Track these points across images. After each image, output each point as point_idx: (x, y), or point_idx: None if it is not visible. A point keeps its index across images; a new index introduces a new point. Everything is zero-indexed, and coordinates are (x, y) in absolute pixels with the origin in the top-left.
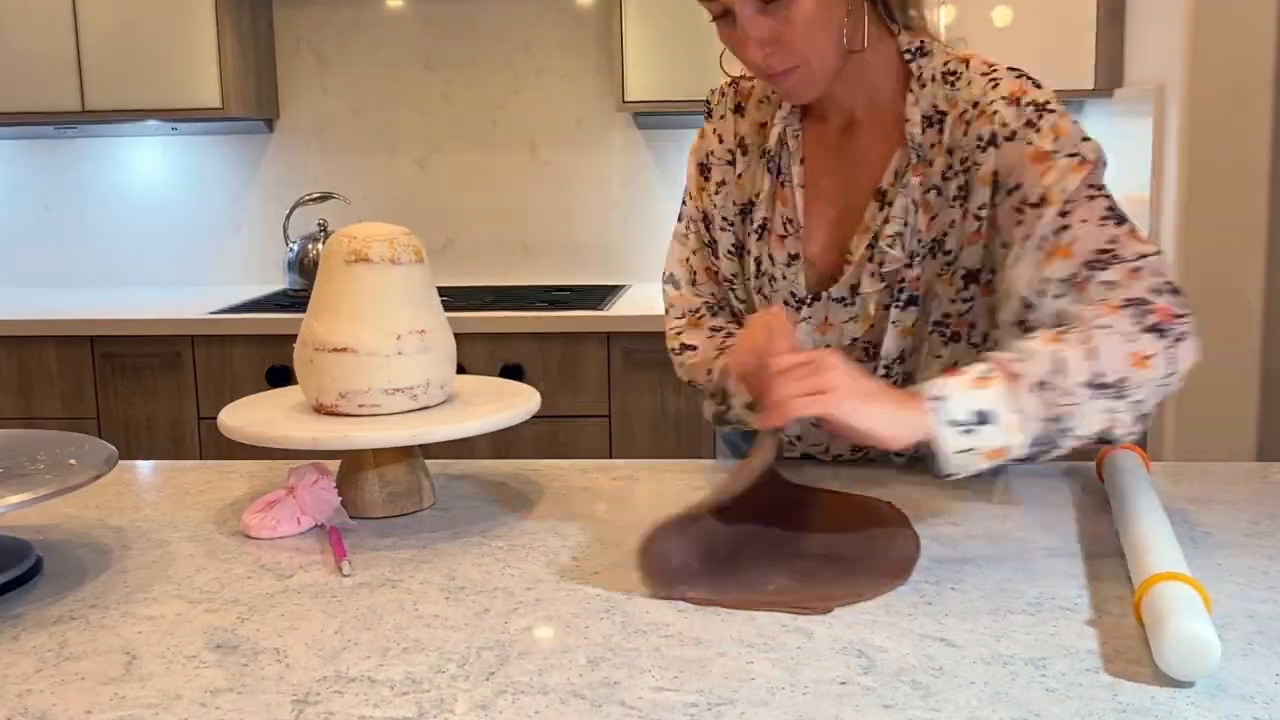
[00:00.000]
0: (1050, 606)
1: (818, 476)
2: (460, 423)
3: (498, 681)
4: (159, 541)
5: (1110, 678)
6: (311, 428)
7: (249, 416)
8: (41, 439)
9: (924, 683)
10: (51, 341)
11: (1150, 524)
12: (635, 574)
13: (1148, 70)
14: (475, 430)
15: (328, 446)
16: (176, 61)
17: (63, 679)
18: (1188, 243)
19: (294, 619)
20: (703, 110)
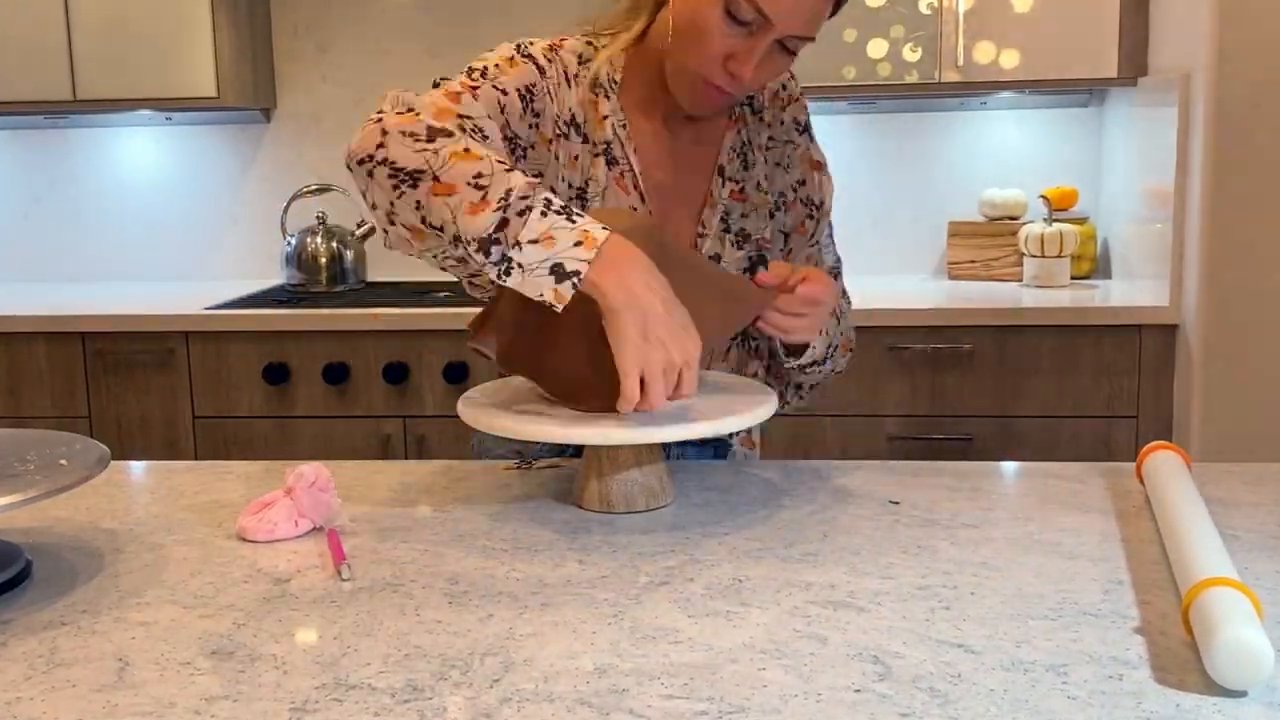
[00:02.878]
0: (1072, 612)
1: (821, 470)
2: (744, 413)
3: (502, 689)
4: (152, 545)
5: (1133, 685)
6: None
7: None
8: (31, 438)
9: (941, 690)
10: (41, 338)
11: (1197, 526)
12: None
13: (1173, 58)
14: (745, 424)
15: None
16: (170, 49)
17: (53, 686)
18: (1213, 235)
19: (292, 624)
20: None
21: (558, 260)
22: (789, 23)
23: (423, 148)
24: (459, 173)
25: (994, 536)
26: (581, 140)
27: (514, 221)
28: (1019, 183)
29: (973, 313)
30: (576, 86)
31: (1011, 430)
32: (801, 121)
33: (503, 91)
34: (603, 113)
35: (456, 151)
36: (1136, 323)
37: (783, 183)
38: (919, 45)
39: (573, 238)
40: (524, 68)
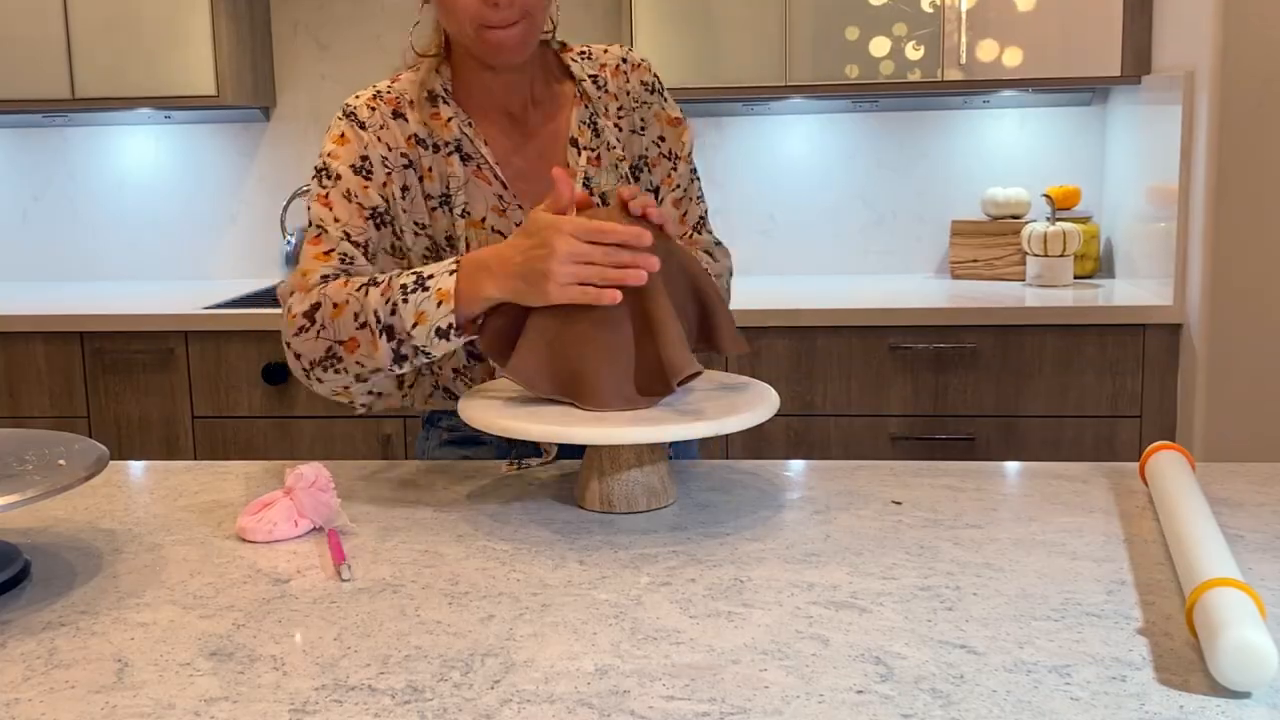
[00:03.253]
0: (1075, 613)
1: (826, 470)
2: (747, 412)
3: (502, 690)
4: (151, 545)
5: (1137, 687)
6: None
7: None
8: (30, 439)
9: (944, 691)
10: (40, 338)
11: (1200, 527)
12: None
13: (1176, 56)
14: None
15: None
16: (170, 47)
17: (52, 687)
18: (1217, 234)
19: (291, 625)
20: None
21: (436, 326)
22: None
23: (315, 333)
24: (346, 327)
25: (997, 537)
26: (433, 150)
27: (395, 324)
28: (1022, 181)
29: (976, 312)
30: (413, 109)
31: (1014, 430)
32: (648, 83)
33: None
34: (445, 116)
35: (331, 312)
36: (1140, 322)
37: (640, 145)
38: (922, 43)
39: (433, 301)
40: (351, 140)
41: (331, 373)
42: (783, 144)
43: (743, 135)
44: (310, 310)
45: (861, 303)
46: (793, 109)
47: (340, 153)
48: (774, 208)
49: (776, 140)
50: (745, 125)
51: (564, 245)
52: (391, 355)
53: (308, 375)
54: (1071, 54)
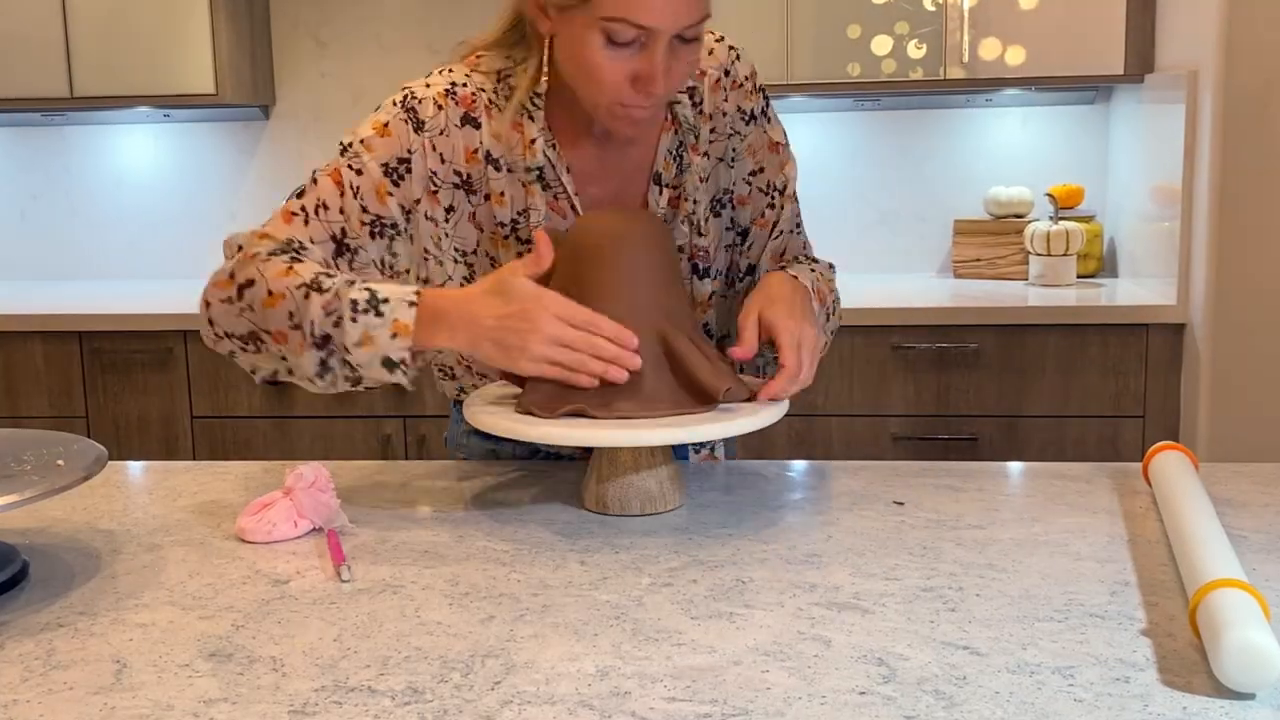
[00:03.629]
0: (1079, 614)
1: (824, 471)
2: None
3: (503, 691)
4: (150, 545)
5: (1140, 688)
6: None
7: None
8: (28, 439)
9: (946, 692)
10: (38, 337)
11: (1204, 527)
12: None
13: (1180, 55)
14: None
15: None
16: (169, 45)
17: (50, 689)
18: (1221, 233)
19: (291, 626)
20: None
21: (384, 355)
22: (674, 22)
23: (240, 310)
24: (277, 320)
25: (1000, 537)
26: (507, 171)
27: (334, 335)
28: (1025, 180)
29: (978, 312)
30: (491, 116)
31: (1017, 430)
32: (747, 110)
33: (358, 172)
34: (529, 136)
35: (264, 299)
36: (1143, 321)
37: (728, 178)
38: (924, 42)
39: (387, 331)
40: (395, 136)
41: (246, 352)
42: None
43: None
44: (244, 285)
45: (863, 302)
46: (794, 107)
47: (377, 144)
48: None
49: None
50: None
51: (550, 328)
52: (317, 366)
53: (215, 339)
54: (1074, 52)
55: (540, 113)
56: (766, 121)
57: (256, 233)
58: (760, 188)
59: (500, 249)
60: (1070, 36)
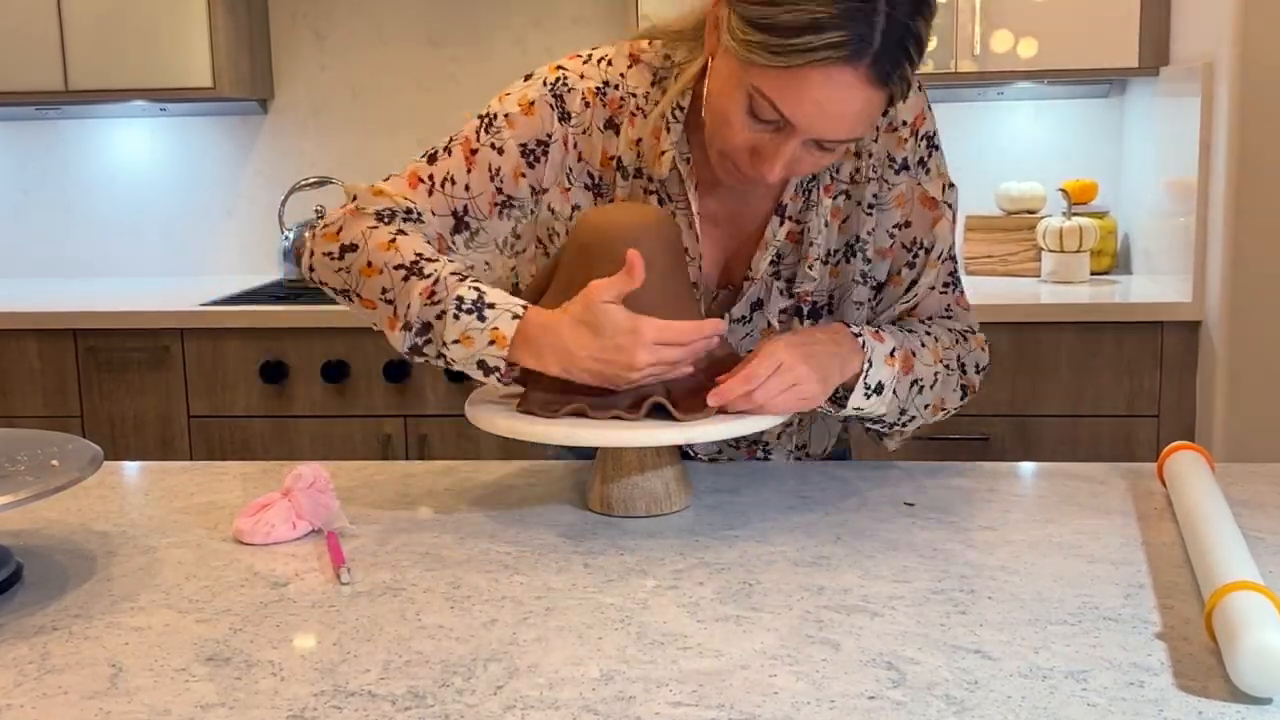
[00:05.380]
0: (1092, 617)
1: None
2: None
3: (505, 696)
4: (146, 547)
5: (1155, 692)
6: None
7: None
8: (22, 438)
9: (957, 697)
10: (32, 335)
11: (1220, 529)
12: None
13: (1195, 47)
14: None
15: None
16: (165, 38)
17: (44, 693)
18: (1237, 229)
19: (289, 630)
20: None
21: (479, 358)
22: (819, 129)
23: (339, 267)
24: (370, 290)
25: (1012, 539)
26: (634, 176)
27: (435, 326)
28: (1037, 175)
29: (989, 309)
30: (633, 122)
31: (1029, 430)
32: (899, 158)
33: (499, 151)
34: (663, 146)
35: (362, 268)
36: (1158, 319)
37: (863, 225)
38: (934, 34)
39: (486, 337)
40: (540, 116)
41: (339, 300)
42: None
43: None
44: (347, 246)
45: None
46: None
47: (520, 122)
48: None
49: None
50: None
51: (646, 356)
52: (408, 347)
53: (310, 280)
54: (1088, 45)
55: (679, 126)
56: (924, 173)
57: (375, 187)
58: (904, 243)
59: None
60: (1084, 28)
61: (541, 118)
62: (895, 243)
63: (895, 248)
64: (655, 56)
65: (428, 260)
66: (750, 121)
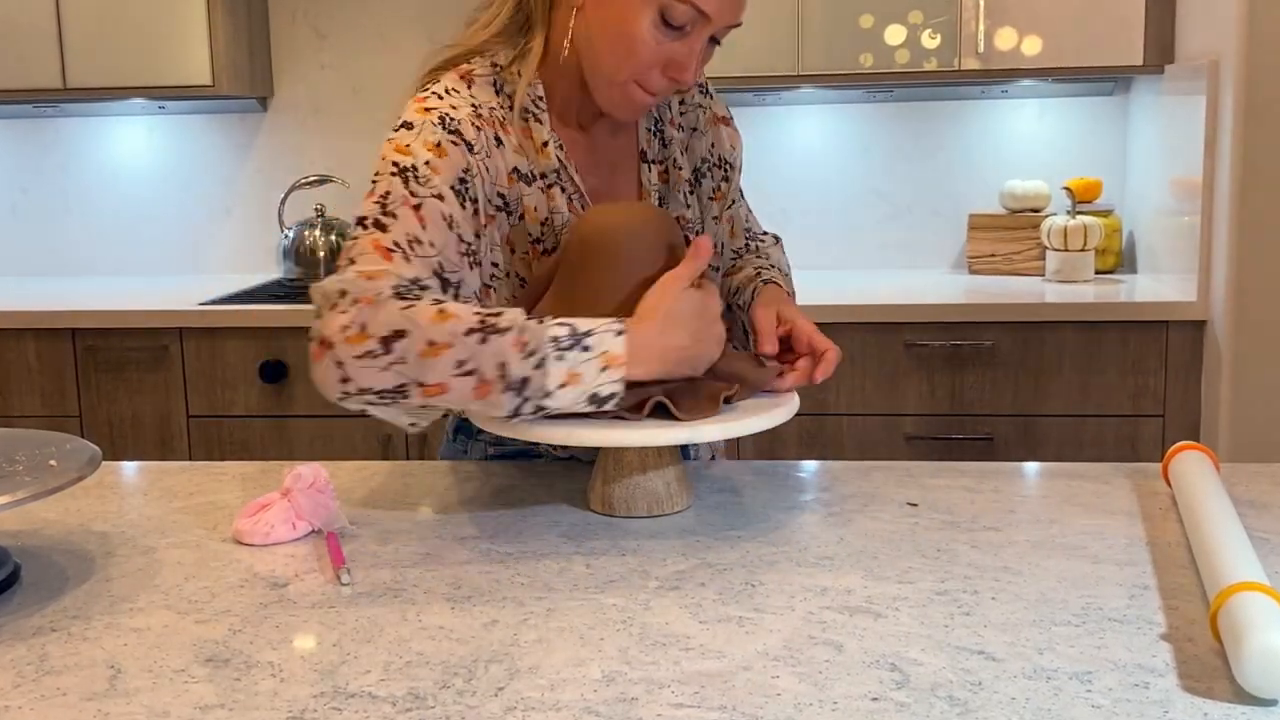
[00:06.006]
0: (1097, 618)
1: (839, 470)
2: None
3: (506, 698)
4: (145, 548)
5: (1160, 694)
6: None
7: None
8: (20, 438)
9: (961, 698)
10: (30, 334)
11: (1225, 529)
12: None
13: (1201, 45)
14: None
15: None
16: (164, 35)
17: (42, 694)
18: (1243, 228)
19: (289, 631)
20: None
21: (591, 392)
22: (729, 16)
23: (388, 363)
24: (440, 371)
25: (1016, 539)
26: (530, 182)
27: (533, 377)
28: (1041, 174)
29: (993, 308)
30: (509, 134)
31: (1033, 430)
32: (701, 83)
33: (440, 198)
34: (540, 139)
35: (422, 350)
36: (1163, 319)
37: (701, 148)
38: (938, 31)
39: (597, 365)
40: (452, 155)
41: (387, 406)
42: (794, 135)
43: (753, 126)
44: (389, 337)
45: (876, 299)
46: (805, 99)
47: (440, 165)
48: (785, 201)
49: (788, 131)
50: (756, 116)
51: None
52: (511, 409)
53: (349, 397)
54: (1092, 42)
55: (546, 114)
56: (712, 97)
57: (361, 272)
58: (715, 160)
59: (534, 265)
60: (1088, 26)
61: (451, 156)
62: (712, 161)
63: (714, 165)
64: (483, 68)
65: (493, 315)
66: (661, 33)
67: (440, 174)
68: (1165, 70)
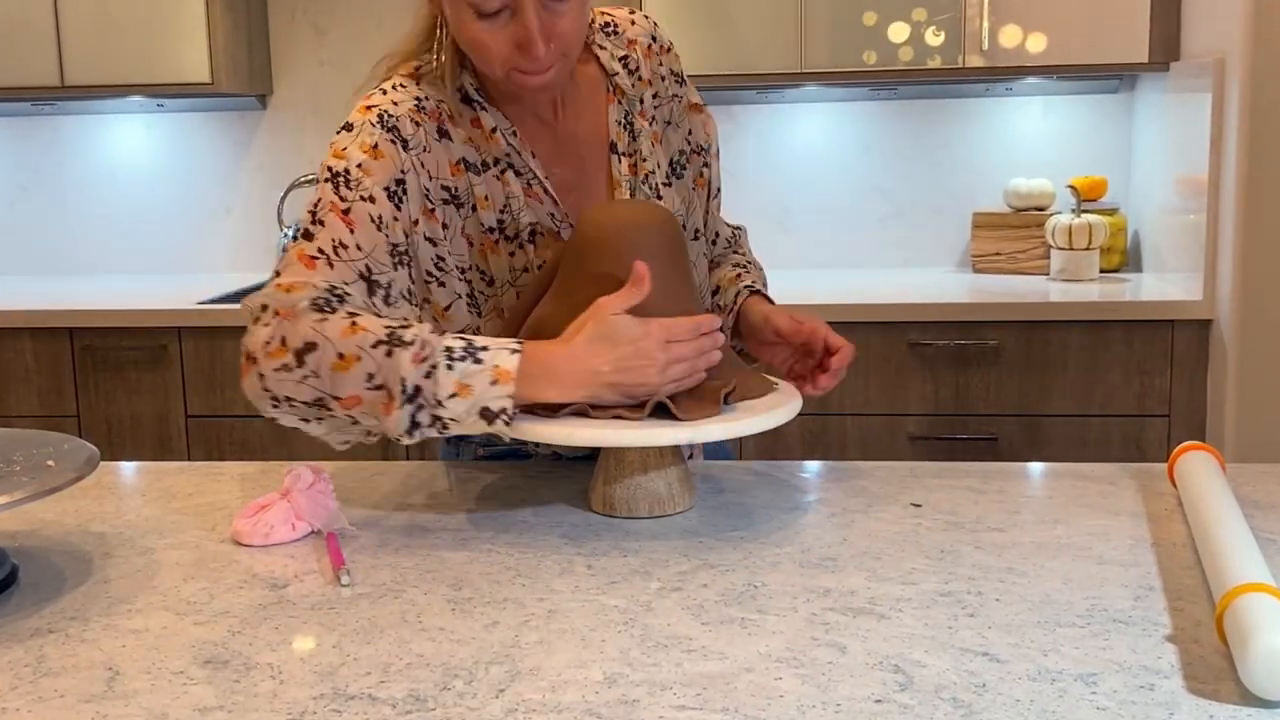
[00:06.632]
0: (1102, 619)
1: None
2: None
3: (507, 699)
4: (144, 549)
5: (1165, 696)
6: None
7: None
8: (17, 438)
9: (965, 700)
10: (28, 334)
11: (1231, 530)
12: None
13: (1206, 42)
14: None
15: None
16: (163, 33)
17: (40, 696)
18: (1249, 226)
19: (288, 632)
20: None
21: (483, 405)
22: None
23: (302, 377)
24: (351, 384)
25: (1020, 540)
26: (481, 170)
27: (424, 386)
28: (1046, 172)
29: (998, 307)
30: (455, 124)
31: (1038, 430)
32: (677, 71)
33: (370, 200)
34: (488, 127)
35: (333, 363)
36: (1169, 318)
37: (678, 140)
38: (942, 28)
39: (487, 378)
40: (387, 156)
41: (308, 420)
42: (798, 133)
43: (756, 124)
44: (302, 350)
45: (879, 298)
46: (808, 97)
47: (373, 167)
48: (788, 199)
49: (791, 129)
50: (759, 114)
51: (663, 356)
52: (407, 424)
53: (278, 409)
54: (1097, 40)
55: (488, 104)
56: (686, 86)
57: (280, 285)
58: (694, 148)
59: (491, 256)
60: (1093, 23)
61: (386, 157)
62: (690, 150)
63: (692, 155)
64: (429, 66)
65: (402, 328)
66: (488, 24)
67: (372, 175)
68: (1170, 68)
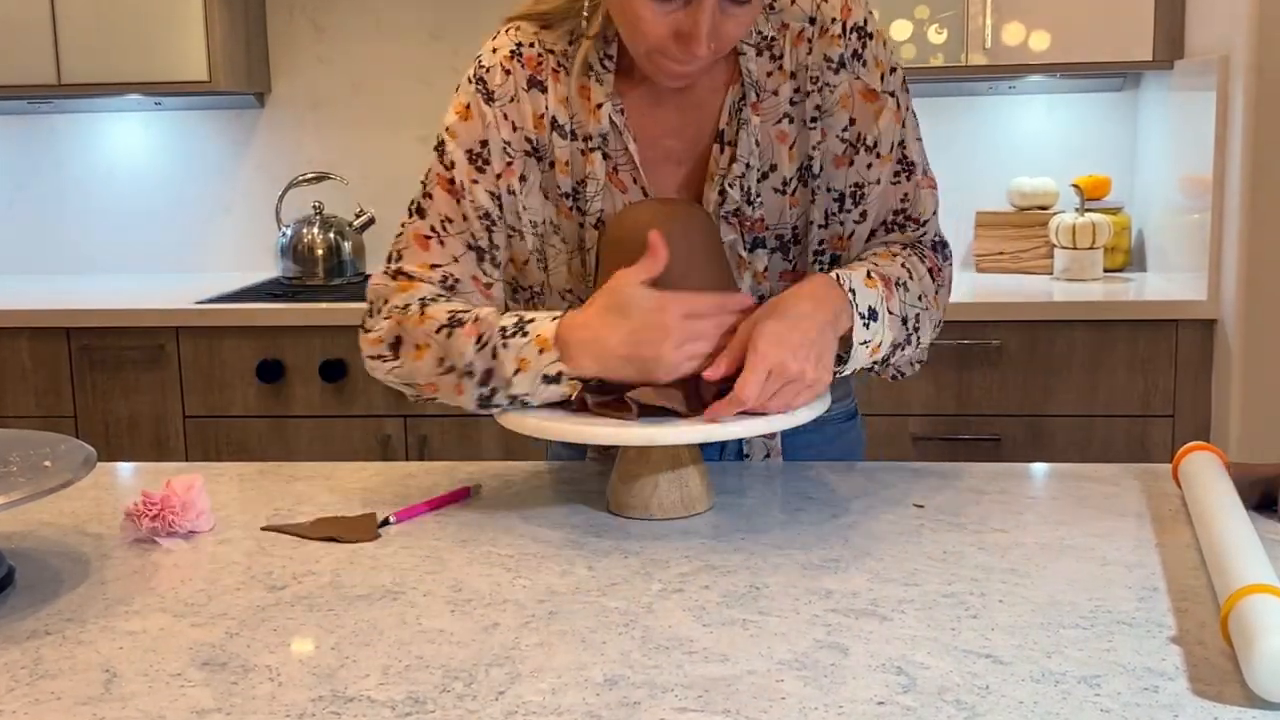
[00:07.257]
0: (1106, 620)
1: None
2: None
3: (507, 701)
4: (141, 550)
5: (1170, 698)
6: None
7: None
8: (14, 439)
9: (968, 702)
10: (25, 334)
11: (1236, 531)
12: None
13: (1211, 40)
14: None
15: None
16: (160, 30)
17: (37, 699)
18: (1253, 225)
19: (287, 634)
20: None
21: (542, 373)
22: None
23: (392, 367)
24: (427, 371)
25: (1023, 541)
26: (570, 138)
27: (494, 368)
28: (1049, 171)
29: (1001, 307)
30: (558, 80)
31: (1042, 430)
32: (834, 56)
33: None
34: (595, 100)
35: (411, 353)
36: (1173, 317)
37: (810, 141)
38: (945, 26)
39: (535, 347)
40: (474, 117)
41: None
42: None
43: None
44: (395, 343)
45: None
46: None
47: (460, 129)
48: None
49: None
50: None
51: (679, 332)
52: (478, 400)
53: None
54: (1101, 37)
55: (610, 75)
56: (861, 65)
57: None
58: (851, 142)
59: (564, 219)
60: (1097, 21)
61: (474, 118)
62: (846, 146)
63: (843, 156)
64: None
65: (462, 311)
66: (659, 5)
67: (457, 138)
68: (1175, 66)
